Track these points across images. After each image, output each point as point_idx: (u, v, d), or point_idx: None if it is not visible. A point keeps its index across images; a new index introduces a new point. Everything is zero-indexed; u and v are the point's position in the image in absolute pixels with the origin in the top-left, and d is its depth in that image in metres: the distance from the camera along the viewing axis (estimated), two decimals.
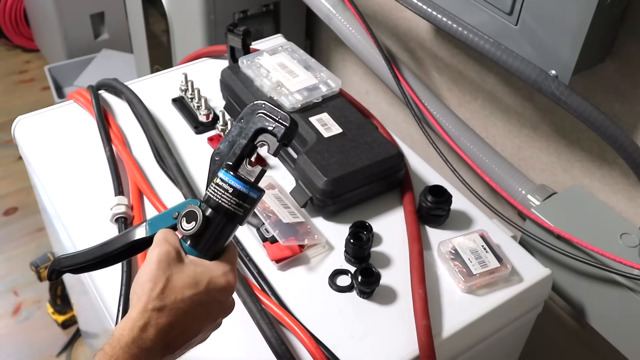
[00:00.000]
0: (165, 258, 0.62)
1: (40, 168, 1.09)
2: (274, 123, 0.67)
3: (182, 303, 0.61)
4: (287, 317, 0.84)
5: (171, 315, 0.60)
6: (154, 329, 0.59)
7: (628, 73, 0.97)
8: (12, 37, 2.93)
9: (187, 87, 1.20)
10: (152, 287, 0.60)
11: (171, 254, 0.63)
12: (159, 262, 0.62)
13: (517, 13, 0.96)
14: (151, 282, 0.60)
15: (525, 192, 1.15)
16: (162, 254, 0.62)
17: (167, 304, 0.60)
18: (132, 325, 0.59)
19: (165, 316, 0.60)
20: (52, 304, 1.89)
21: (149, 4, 1.83)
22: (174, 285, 0.61)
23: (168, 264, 0.62)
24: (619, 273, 0.95)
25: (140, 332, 0.59)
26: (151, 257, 0.62)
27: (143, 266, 0.62)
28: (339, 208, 1.01)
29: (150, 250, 0.63)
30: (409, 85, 1.30)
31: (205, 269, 0.63)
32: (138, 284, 0.61)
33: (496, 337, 0.95)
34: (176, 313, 0.61)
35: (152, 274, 0.61)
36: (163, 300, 0.60)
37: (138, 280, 0.62)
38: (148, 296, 0.60)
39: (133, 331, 0.58)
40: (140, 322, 0.59)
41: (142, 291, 0.60)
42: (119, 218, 0.97)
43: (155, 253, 0.62)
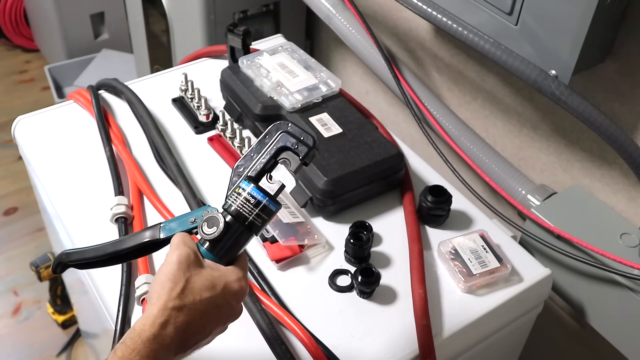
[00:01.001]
0: (185, 260, 0.64)
1: (40, 168, 1.09)
2: (298, 143, 0.71)
3: (199, 304, 0.63)
4: (287, 317, 0.84)
5: (189, 315, 0.62)
6: (173, 327, 0.61)
7: (628, 73, 0.97)
8: (12, 37, 2.93)
9: (187, 87, 1.20)
10: (173, 287, 0.62)
11: (191, 256, 0.64)
12: (179, 263, 0.63)
13: (517, 13, 0.96)
14: (172, 282, 0.62)
15: (525, 192, 1.15)
16: (182, 256, 0.64)
17: (187, 303, 0.62)
18: (152, 322, 0.60)
19: (184, 315, 0.62)
20: (52, 304, 1.89)
21: (149, 4, 1.83)
22: (192, 287, 0.63)
23: (188, 266, 0.64)
24: (619, 273, 0.95)
25: (161, 329, 0.60)
26: (171, 258, 0.64)
27: (163, 266, 0.64)
28: (339, 208, 1.02)
29: (170, 252, 0.65)
30: (409, 85, 1.30)
31: (221, 274, 0.65)
32: (158, 283, 0.63)
33: (496, 337, 0.95)
34: (194, 313, 0.62)
35: (172, 274, 0.63)
36: (182, 300, 0.62)
37: (158, 279, 0.63)
38: (168, 295, 0.62)
39: (154, 327, 0.60)
40: (161, 319, 0.60)
41: (162, 290, 0.62)
42: (119, 218, 0.97)
43: (175, 254, 0.64)
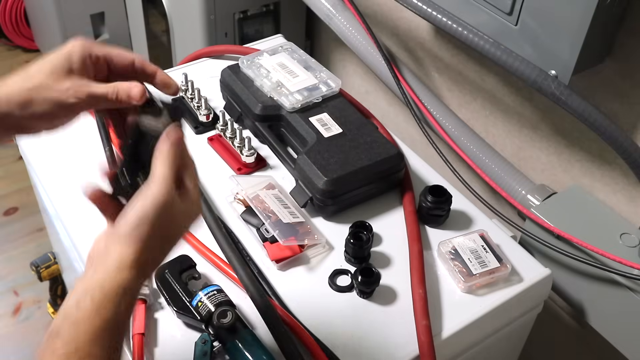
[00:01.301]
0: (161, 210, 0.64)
1: (40, 168, 1.09)
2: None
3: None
4: (287, 317, 0.84)
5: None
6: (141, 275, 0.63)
7: (628, 73, 0.97)
8: (12, 37, 2.93)
9: (187, 87, 1.20)
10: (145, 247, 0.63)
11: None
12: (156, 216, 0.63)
13: (517, 13, 0.96)
14: (144, 240, 0.63)
15: (525, 192, 1.15)
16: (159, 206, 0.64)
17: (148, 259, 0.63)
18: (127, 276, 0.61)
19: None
20: (52, 304, 1.89)
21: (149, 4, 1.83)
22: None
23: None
24: (619, 273, 0.95)
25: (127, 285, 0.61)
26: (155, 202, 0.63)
27: (143, 202, 0.63)
28: (339, 208, 1.02)
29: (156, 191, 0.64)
30: (409, 85, 1.30)
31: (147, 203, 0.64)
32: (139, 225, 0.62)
33: (496, 337, 0.95)
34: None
35: (147, 229, 0.63)
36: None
37: (139, 218, 0.62)
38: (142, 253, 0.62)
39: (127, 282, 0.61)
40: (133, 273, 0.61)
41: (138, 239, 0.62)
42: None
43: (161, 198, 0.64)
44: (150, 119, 0.65)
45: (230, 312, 0.81)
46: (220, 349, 0.81)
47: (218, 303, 0.83)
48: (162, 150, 0.64)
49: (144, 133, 0.65)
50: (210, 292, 0.84)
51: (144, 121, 0.65)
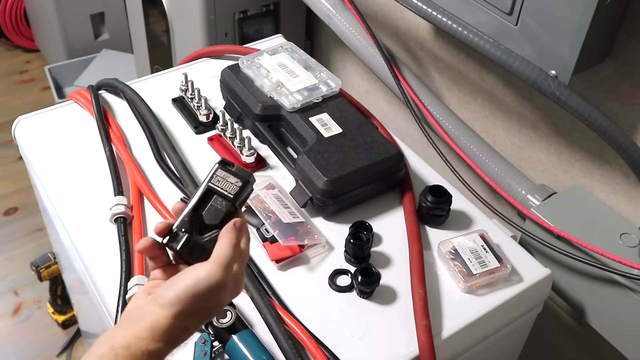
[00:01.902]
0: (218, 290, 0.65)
1: (40, 168, 1.09)
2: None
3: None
4: (287, 317, 0.84)
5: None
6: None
7: (628, 73, 0.97)
8: (12, 37, 2.93)
9: (187, 87, 1.20)
10: (194, 316, 0.64)
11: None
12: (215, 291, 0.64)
13: (517, 13, 0.96)
14: (196, 312, 0.64)
15: (525, 192, 1.15)
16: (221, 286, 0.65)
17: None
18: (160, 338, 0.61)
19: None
20: (52, 304, 1.89)
21: (149, 4, 1.83)
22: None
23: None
24: (619, 273, 0.95)
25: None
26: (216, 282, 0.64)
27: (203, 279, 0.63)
28: (339, 208, 1.02)
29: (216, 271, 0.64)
30: (409, 85, 1.30)
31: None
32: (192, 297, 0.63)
33: (496, 337, 0.95)
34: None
35: (203, 301, 0.64)
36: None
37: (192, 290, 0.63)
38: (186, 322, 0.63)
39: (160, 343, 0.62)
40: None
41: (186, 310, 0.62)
42: (118, 218, 0.97)
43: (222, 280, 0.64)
44: (223, 179, 0.67)
45: (230, 312, 0.81)
46: (220, 349, 0.81)
47: None
48: (229, 234, 0.65)
49: (211, 191, 0.67)
50: None
51: (215, 179, 0.67)
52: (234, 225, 0.66)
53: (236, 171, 0.68)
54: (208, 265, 0.63)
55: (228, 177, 0.67)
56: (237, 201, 0.66)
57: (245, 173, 0.68)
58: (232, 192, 0.66)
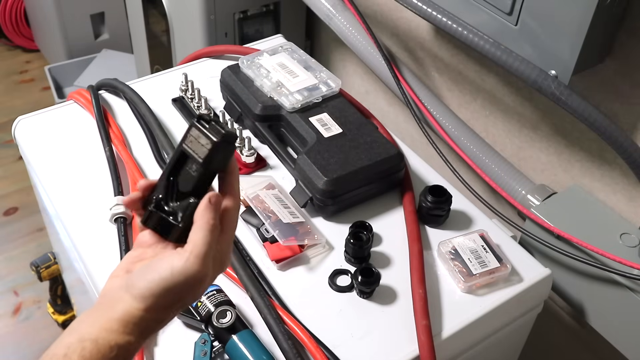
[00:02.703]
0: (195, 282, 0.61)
1: (40, 168, 1.09)
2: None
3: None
4: (287, 317, 0.84)
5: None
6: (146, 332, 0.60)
7: (628, 73, 0.97)
8: (12, 37, 2.93)
9: (187, 87, 1.20)
10: (169, 306, 0.60)
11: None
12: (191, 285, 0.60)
13: (517, 13, 0.96)
14: (171, 300, 0.60)
15: (525, 192, 1.15)
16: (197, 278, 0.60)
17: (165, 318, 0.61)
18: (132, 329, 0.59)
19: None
20: (52, 304, 1.89)
21: (149, 4, 1.83)
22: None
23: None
24: (619, 273, 0.95)
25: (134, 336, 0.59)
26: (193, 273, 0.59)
27: (181, 268, 0.58)
28: (339, 208, 1.02)
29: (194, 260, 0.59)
30: (409, 85, 1.30)
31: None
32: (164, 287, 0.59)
33: (496, 337, 0.95)
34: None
35: (178, 292, 0.59)
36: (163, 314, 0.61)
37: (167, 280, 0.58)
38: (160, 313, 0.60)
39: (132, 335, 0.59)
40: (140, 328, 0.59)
41: (159, 299, 0.59)
42: (118, 218, 0.97)
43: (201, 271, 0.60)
44: (195, 140, 0.58)
45: (230, 312, 0.81)
46: (220, 349, 0.81)
47: (218, 303, 0.83)
48: (205, 214, 0.58)
49: (185, 154, 0.59)
50: (210, 292, 0.84)
51: (189, 140, 0.58)
52: (209, 202, 0.58)
53: (209, 129, 0.57)
54: (185, 256, 0.57)
55: (200, 137, 0.57)
56: (209, 165, 0.57)
57: (216, 130, 0.57)
58: (202, 155, 0.57)
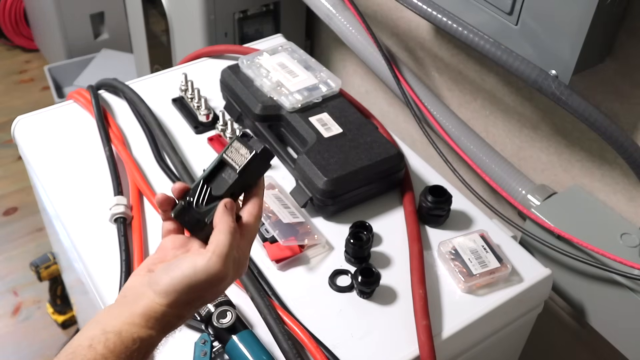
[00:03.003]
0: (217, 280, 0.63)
1: (40, 168, 1.09)
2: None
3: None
4: (287, 317, 0.84)
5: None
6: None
7: (628, 73, 0.97)
8: (12, 37, 2.93)
9: (187, 87, 1.20)
10: (190, 301, 0.63)
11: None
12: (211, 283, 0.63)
13: (517, 13, 0.96)
14: (193, 296, 0.62)
15: (525, 192, 1.15)
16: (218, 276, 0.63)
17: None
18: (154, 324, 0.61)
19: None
20: (52, 304, 1.89)
21: (149, 4, 1.83)
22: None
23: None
24: (619, 273, 0.95)
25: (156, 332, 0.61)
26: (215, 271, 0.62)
27: (202, 266, 0.61)
28: (339, 208, 1.01)
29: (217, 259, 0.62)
30: (409, 85, 1.30)
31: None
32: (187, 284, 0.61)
33: (496, 337, 0.95)
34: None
35: (199, 289, 0.62)
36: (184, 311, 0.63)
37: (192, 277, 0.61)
38: (182, 308, 0.62)
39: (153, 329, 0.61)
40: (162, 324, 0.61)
41: (181, 296, 0.61)
42: (117, 218, 0.97)
43: (222, 269, 0.63)
44: (236, 150, 0.65)
45: (230, 312, 0.81)
46: (220, 349, 0.81)
47: (218, 303, 0.83)
48: (224, 217, 0.63)
49: (224, 162, 0.66)
50: None
51: (229, 150, 0.66)
52: (225, 208, 0.63)
53: (250, 143, 0.66)
54: (207, 255, 0.60)
55: (241, 148, 0.65)
56: (244, 172, 0.64)
57: (257, 144, 0.65)
58: (240, 163, 0.65)
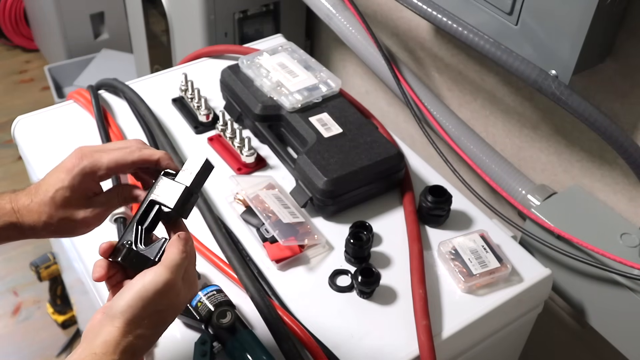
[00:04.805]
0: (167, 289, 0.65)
1: (40, 168, 1.09)
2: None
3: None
4: (287, 317, 0.84)
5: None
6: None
7: (628, 73, 0.97)
8: (12, 37, 2.93)
9: (187, 87, 1.20)
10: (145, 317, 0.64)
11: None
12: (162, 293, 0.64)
13: (517, 13, 0.96)
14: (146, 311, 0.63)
15: (525, 192, 1.15)
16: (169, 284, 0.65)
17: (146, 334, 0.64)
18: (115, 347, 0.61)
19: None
20: (52, 304, 1.89)
21: (149, 4, 1.83)
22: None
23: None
24: (619, 273, 0.95)
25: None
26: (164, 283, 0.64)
27: (152, 280, 0.63)
28: (339, 208, 1.01)
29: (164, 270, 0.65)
30: (409, 85, 1.30)
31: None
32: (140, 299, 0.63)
33: (496, 337, 0.95)
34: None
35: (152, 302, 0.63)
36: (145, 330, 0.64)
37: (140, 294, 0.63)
38: (138, 323, 0.63)
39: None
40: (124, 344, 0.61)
41: (135, 310, 0.62)
42: (117, 218, 0.97)
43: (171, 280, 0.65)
44: (164, 190, 0.68)
45: (229, 312, 0.81)
46: (220, 349, 0.81)
47: (218, 303, 0.83)
48: (175, 242, 0.66)
49: (155, 202, 0.68)
50: (210, 292, 0.84)
51: (158, 190, 0.68)
52: (178, 237, 0.66)
53: (177, 179, 0.68)
54: (155, 268, 0.63)
55: (168, 185, 0.68)
56: (177, 210, 0.67)
57: (186, 179, 0.68)
58: (172, 199, 0.67)
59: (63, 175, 0.69)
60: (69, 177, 0.69)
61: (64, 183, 0.69)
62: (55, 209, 0.69)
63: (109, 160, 0.69)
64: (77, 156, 0.70)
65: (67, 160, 0.70)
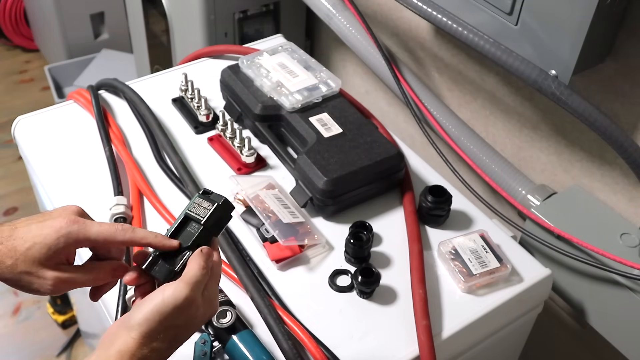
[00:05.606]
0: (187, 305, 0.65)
1: (40, 168, 1.09)
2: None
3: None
4: (287, 317, 0.84)
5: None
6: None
7: (628, 73, 0.97)
8: (12, 37, 2.93)
9: (187, 87, 1.20)
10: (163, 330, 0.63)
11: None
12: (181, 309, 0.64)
13: (517, 13, 0.96)
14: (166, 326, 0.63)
15: (525, 192, 1.15)
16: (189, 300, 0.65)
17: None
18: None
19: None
20: (52, 304, 1.89)
21: (149, 4, 1.83)
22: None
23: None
24: (619, 273, 0.95)
25: None
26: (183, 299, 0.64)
27: (172, 295, 0.63)
28: (339, 208, 1.01)
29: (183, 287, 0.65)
30: (409, 85, 1.30)
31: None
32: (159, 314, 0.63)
33: (496, 337, 0.95)
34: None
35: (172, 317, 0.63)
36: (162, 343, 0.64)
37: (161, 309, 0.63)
38: (154, 337, 0.63)
39: None
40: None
41: (153, 325, 0.62)
42: (118, 218, 0.97)
43: (190, 296, 0.65)
44: (199, 205, 0.70)
45: (230, 312, 0.81)
46: (220, 349, 0.81)
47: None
48: (197, 257, 0.66)
49: (188, 217, 0.70)
50: None
51: (192, 206, 0.70)
52: (201, 251, 0.67)
53: (212, 197, 0.71)
54: (175, 283, 0.63)
55: (203, 202, 0.70)
56: (208, 224, 0.69)
57: (217, 197, 0.71)
58: (203, 215, 0.69)
59: (48, 232, 0.66)
60: (54, 237, 0.66)
61: (46, 240, 0.66)
62: (23, 261, 0.65)
63: (98, 233, 0.67)
64: (69, 219, 0.67)
65: (56, 219, 0.67)
